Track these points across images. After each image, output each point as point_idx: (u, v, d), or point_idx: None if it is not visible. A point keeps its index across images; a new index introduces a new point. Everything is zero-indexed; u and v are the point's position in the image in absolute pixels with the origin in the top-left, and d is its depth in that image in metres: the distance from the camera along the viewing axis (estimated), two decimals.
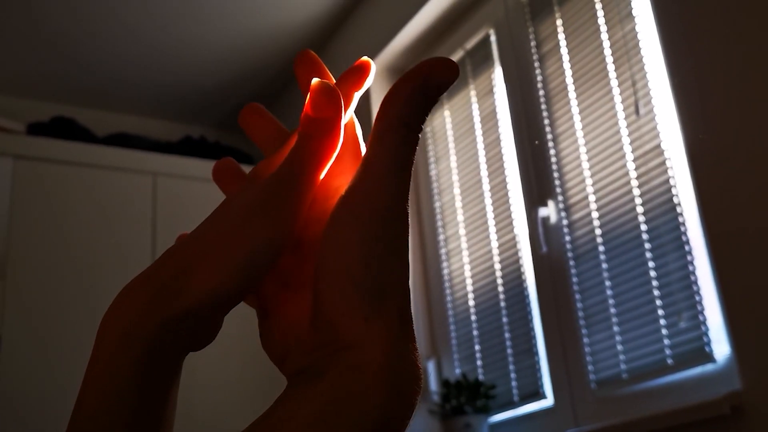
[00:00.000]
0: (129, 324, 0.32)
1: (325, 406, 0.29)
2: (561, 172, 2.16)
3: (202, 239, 0.34)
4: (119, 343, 0.32)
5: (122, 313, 0.32)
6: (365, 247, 0.32)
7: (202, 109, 3.56)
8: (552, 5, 2.25)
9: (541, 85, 2.26)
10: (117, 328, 0.32)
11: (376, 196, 0.32)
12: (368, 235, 0.32)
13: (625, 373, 1.90)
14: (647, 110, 1.91)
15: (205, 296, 0.32)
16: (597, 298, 1.99)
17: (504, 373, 2.28)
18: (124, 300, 0.33)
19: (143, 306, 0.32)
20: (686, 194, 1.80)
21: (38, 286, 2.68)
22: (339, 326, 0.31)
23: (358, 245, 0.32)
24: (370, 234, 0.32)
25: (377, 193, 0.32)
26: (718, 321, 1.69)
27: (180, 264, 0.33)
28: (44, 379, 2.58)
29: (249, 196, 0.35)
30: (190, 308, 0.32)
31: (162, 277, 0.33)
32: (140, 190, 2.96)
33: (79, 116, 3.19)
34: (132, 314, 0.32)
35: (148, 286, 0.33)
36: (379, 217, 0.32)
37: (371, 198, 0.32)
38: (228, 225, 0.34)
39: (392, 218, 0.32)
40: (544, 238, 2.16)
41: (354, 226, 0.32)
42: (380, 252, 0.32)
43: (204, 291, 0.32)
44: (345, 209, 0.33)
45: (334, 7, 2.97)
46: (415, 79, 0.33)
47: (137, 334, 0.32)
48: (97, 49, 3.06)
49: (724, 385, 1.65)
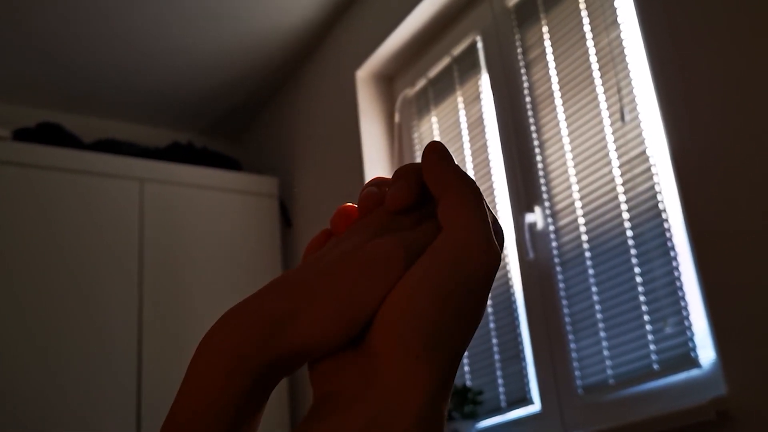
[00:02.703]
0: (241, 355, 0.32)
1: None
2: (547, 178, 2.17)
3: (313, 283, 0.34)
4: (230, 371, 0.32)
5: (234, 341, 0.33)
6: (439, 301, 0.32)
7: (190, 115, 3.55)
8: (538, 12, 2.26)
9: (527, 91, 2.27)
10: (227, 355, 0.32)
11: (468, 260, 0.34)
12: (447, 291, 0.33)
13: (611, 379, 1.90)
14: (633, 117, 1.92)
15: (312, 341, 0.33)
16: (584, 304, 2.00)
17: (491, 379, 2.28)
18: (234, 328, 0.33)
19: (257, 339, 0.33)
20: (671, 200, 1.81)
21: (24, 292, 2.67)
22: (386, 359, 0.32)
23: (434, 296, 0.32)
24: (447, 291, 0.33)
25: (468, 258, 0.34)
26: (704, 326, 1.70)
27: (290, 304, 0.34)
28: (35, 382, 2.56)
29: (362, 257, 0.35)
30: (299, 350, 0.33)
31: (274, 314, 0.33)
32: (127, 196, 2.95)
33: (65, 122, 3.18)
34: (245, 346, 0.32)
35: (259, 320, 0.33)
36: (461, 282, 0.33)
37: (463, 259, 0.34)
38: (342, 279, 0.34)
39: (473, 288, 0.34)
40: (531, 244, 2.17)
41: (435, 288, 0.33)
42: (450, 311, 0.32)
43: (312, 336, 0.33)
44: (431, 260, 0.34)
45: (321, 14, 2.97)
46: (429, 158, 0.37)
47: (248, 366, 0.32)
48: (84, 55, 3.05)
49: (709, 390, 1.66)
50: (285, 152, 3.34)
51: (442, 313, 0.32)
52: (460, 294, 0.33)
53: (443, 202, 0.36)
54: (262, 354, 0.32)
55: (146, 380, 2.72)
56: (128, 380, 2.71)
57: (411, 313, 0.32)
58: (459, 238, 0.34)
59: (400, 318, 0.32)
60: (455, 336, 0.33)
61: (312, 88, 3.20)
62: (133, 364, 2.73)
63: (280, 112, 3.43)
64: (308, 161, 3.17)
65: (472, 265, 0.34)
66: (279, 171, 3.33)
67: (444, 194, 0.36)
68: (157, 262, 2.91)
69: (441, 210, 0.35)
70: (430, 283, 0.33)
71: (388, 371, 0.32)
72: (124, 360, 2.73)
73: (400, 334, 0.32)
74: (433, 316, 0.32)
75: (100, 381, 2.67)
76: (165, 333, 2.81)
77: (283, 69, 3.28)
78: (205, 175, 3.17)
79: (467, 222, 0.34)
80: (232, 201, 3.16)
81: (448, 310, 0.32)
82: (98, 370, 2.68)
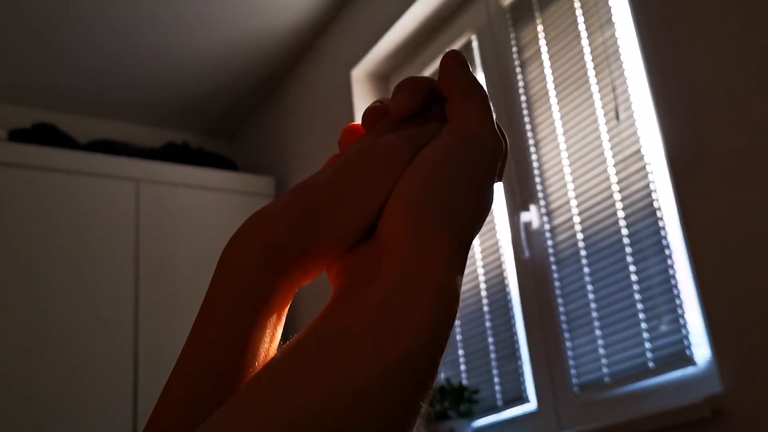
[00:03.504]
0: (270, 244, 0.34)
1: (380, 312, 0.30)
2: (543, 177, 2.17)
3: (329, 181, 0.36)
4: (259, 263, 0.33)
5: (264, 234, 0.34)
6: (444, 176, 0.34)
7: (185, 116, 3.55)
8: (533, 11, 2.26)
9: (522, 90, 2.27)
10: (258, 247, 0.34)
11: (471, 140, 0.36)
12: (451, 168, 0.35)
13: (607, 377, 1.91)
14: (627, 115, 1.93)
15: (333, 232, 0.35)
16: (579, 302, 2.00)
17: (487, 378, 2.28)
18: (263, 223, 0.35)
19: (283, 231, 0.34)
20: (666, 198, 1.81)
21: (20, 293, 2.67)
22: (399, 237, 0.33)
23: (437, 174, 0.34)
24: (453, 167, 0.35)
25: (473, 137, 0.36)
26: (699, 324, 1.71)
27: (310, 202, 0.35)
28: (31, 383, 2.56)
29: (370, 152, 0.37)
30: (321, 243, 0.35)
31: (297, 211, 0.35)
32: (123, 197, 2.95)
33: (60, 122, 3.17)
34: (274, 237, 0.34)
35: (285, 215, 0.35)
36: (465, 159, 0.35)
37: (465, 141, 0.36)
38: (353, 174, 0.36)
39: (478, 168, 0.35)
40: (527, 242, 2.17)
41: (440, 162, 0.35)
42: (455, 186, 0.34)
43: (332, 227, 0.35)
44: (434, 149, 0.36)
45: (317, 14, 2.97)
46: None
47: (276, 258, 0.34)
48: (79, 55, 3.05)
49: (704, 388, 1.66)
50: (280, 152, 3.34)
51: (448, 188, 0.34)
52: (464, 170, 0.35)
53: (452, 100, 0.37)
54: (289, 246, 0.34)
55: (142, 382, 2.72)
56: (124, 381, 2.71)
57: (418, 190, 0.34)
58: (464, 124, 0.36)
59: (408, 196, 0.34)
60: (463, 210, 0.34)
61: (307, 88, 3.20)
62: (129, 365, 2.73)
63: (275, 112, 3.43)
64: (304, 161, 3.17)
65: (477, 145, 0.35)
66: (275, 170, 3.33)
67: (453, 93, 0.37)
68: (152, 262, 2.91)
69: (449, 106, 0.37)
70: (435, 161, 0.35)
71: (402, 248, 0.32)
72: (120, 361, 2.73)
73: (409, 212, 0.33)
74: (439, 191, 0.34)
75: (96, 382, 2.67)
76: (161, 333, 2.81)
77: (279, 68, 3.28)
78: (201, 175, 3.16)
79: (473, 112, 0.36)
80: (227, 201, 3.16)
81: (453, 185, 0.34)
82: (94, 371, 2.68)
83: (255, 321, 0.33)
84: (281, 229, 0.34)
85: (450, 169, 0.34)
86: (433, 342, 0.30)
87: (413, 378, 0.29)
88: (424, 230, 0.32)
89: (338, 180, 0.36)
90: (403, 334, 0.29)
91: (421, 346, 0.29)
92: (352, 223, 0.35)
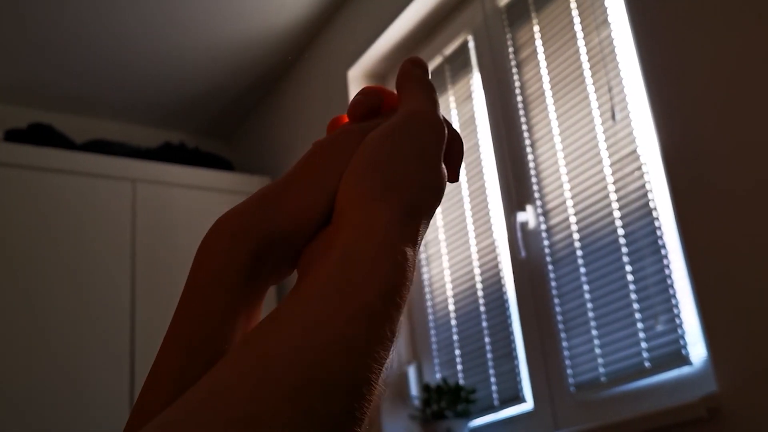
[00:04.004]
0: (237, 232, 0.38)
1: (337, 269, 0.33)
2: (539, 177, 2.17)
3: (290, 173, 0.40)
4: (230, 248, 0.37)
5: (231, 224, 0.39)
6: (387, 148, 0.38)
7: (182, 116, 3.55)
8: (529, 12, 2.26)
9: (518, 90, 2.27)
10: (227, 235, 0.38)
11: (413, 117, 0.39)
12: (394, 140, 0.38)
13: (603, 377, 1.91)
14: (623, 116, 1.93)
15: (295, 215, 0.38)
16: (575, 302, 2.01)
17: (484, 378, 2.29)
18: (230, 216, 0.39)
19: (249, 219, 0.38)
20: (662, 199, 1.82)
21: (17, 293, 2.66)
22: (350, 209, 0.36)
23: (381, 148, 0.38)
24: (396, 139, 0.38)
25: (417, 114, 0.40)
26: (695, 324, 1.71)
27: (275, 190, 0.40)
28: (28, 383, 2.56)
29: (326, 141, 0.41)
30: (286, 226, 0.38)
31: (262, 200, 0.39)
32: (119, 197, 2.95)
33: (56, 122, 3.17)
34: (240, 225, 0.38)
35: (250, 205, 0.39)
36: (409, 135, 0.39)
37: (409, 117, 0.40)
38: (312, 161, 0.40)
39: (422, 145, 0.38)
40: (523, 242, 2.17)
41: (384, 137, 0.38)
42: (400, 158, 0.37)
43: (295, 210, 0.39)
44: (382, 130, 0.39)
45: (314, 15, 2.97)
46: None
47: (245, 242, 0.38)
48: (75, 55, 3.05)
49: (700, 387, 1.67)
50: (277, 152, 3.34)
51: (392, 158, 0.37)
52: (406, 142, 0.38)
53: (401, 92, 0.42)
54: (256, 231, 0.38)
55: (139, 381, 2.71)
56: (121, 381, 2.70)
57: (364, 163, 0.38)
58: (408, 107, 0.40)
59: (356, 170, 0.38)
60: (408, 179, 0.37)
61: (304, 88, 3.20)
62: (125, 365, 2.73)
63: (272, 112, 3.43)
64: None
65: (418, 121, 0.39)
66: (271, 171, 3.33)
67: (404, 86, 0.42)
68: (149, 262, 2.91)
69: (399, 98, 0.42)
70: (380, 137, 0.38)
71: (353, 217, 0.36)
72: (117, 361, 2.73)
73: (357, 183, 0.37)
74: (383, 162, 0.37)
75: (93, 382, 2.67)
76: (157, 333, 2.79)
77: (275, 69, 3.28)
78: (197, 175, 3.16)
79: (417, 99, 0.40)
80: (224, 201, 3.15)
81: (397, 155, 0.37)
82: (91, 370, 2.68)
83: (229, 300, 0.37)
84: (244, 219, 0.38)
85: (393, 141, 0.38)
86: (388, 295, 0.32)
87: (373, 327, 0.31)
88: (371, 197, 0.36)
89: (294, 168, 0.40)
90: (359, 285, 0.32)
91: (376, 296, 0.32)
92: (308, 202, 0.39)
